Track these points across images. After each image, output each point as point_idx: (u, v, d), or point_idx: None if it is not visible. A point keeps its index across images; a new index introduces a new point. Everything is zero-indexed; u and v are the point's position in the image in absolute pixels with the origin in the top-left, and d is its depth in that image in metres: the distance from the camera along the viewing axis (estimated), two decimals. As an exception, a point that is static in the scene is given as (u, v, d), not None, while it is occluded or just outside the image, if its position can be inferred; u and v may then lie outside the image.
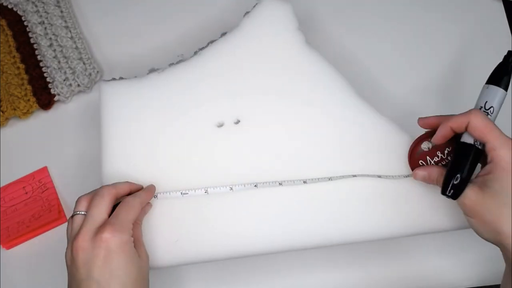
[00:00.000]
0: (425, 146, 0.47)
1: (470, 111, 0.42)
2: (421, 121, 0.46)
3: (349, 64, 0.59)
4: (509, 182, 0.39)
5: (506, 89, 0.44)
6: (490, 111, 0.43)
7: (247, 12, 0.54)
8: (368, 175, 0.48)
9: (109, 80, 0.53)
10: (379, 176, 0.48)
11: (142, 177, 0.49)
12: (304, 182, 0.48)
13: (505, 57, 0.45)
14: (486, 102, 0.43)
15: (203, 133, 0.50)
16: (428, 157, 0.47)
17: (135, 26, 0.63)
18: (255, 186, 0.48)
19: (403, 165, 0.48)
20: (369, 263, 0.53)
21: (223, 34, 0.54)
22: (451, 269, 0.53)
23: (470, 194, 0.41)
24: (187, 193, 0.48)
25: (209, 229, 0.48)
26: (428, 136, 0.47)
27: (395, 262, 0.53)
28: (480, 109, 0.44)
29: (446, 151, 0.46)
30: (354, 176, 0.48)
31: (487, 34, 0.62)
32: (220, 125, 0.51)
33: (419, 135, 0.48)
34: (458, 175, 0.41)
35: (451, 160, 0.43)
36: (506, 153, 0.40)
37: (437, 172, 0.44)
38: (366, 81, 0.59)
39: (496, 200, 0.39)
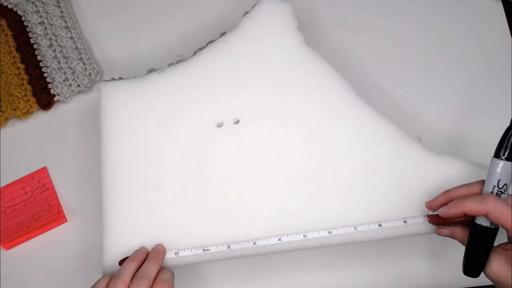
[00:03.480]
0: None
1: (486, 199, 0.40)
2: (429, 204, 0.46)
3: (348, 64, 0.59)
4: None
5: None
6: (504, 188, 0.41)
7: (247, 12, 0.54)
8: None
9: (108, 80, 0.53)
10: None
11: (141, 175, 0.49)
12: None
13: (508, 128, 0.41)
14: (499, 180, 0.41)
15: (202, 133, 0.50)
16: None
17: (134, 26, 0.63)
18: (279, 240, 0.47)
19: (403, 163, 0.49)
20: (366, 264, 0.53)
21: (223, 34, 0.54)
22: (450, 269, 0.53)
23: (496, 267, 0.42)
24: (209, 249, 0.47)
25: (210, 230, 0.48)
26: None
27: (391, 263, 0.53)
28: (494, 188, 0.41)
29: None
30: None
31: (487, 34, 0.62)
32: (220, 125, 0.51)
33: None
34: (477, 258, 0.42)
35: (468, 242, 0.43)
36: None
37: (461, 232, 0.45)
38: (365, 80, 0.59)
39: None
